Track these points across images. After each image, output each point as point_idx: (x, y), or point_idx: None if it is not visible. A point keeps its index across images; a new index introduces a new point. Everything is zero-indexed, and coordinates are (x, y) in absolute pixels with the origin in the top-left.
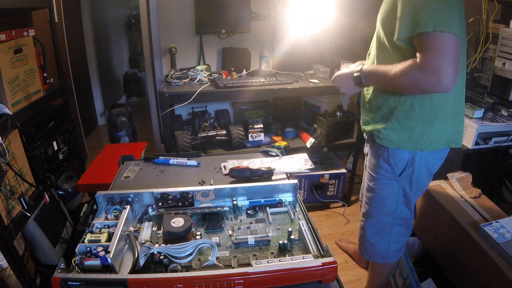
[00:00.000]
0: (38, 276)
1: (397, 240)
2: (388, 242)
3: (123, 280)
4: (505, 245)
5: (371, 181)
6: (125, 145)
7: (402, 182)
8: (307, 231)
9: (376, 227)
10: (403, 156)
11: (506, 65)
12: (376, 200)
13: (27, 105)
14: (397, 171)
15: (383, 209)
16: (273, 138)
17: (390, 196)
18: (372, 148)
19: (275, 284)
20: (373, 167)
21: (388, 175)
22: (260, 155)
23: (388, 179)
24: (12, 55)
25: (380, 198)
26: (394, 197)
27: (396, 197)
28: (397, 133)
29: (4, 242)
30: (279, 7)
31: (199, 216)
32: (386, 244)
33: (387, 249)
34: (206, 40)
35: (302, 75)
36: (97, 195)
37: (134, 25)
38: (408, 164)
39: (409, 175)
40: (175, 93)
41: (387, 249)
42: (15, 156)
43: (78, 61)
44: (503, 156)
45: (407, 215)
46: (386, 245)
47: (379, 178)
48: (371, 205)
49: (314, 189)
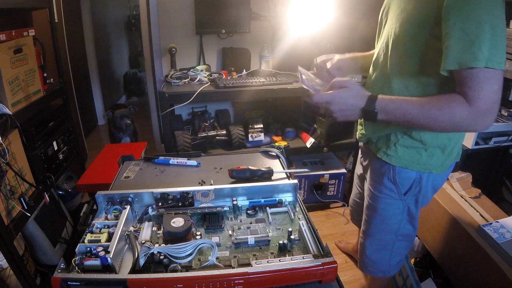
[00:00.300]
0: (38, 276)
1: (399, 253)
2: (390, 257)
3: (123, 280)
4: (505, 245)
5: (373, 200)
6: (125, 145)
7: (407, 201)
8: (307, 231)
9: (378, 245)
10: (410, 175)
11: (506, 65)
12: (378, 219)
13: (27, 105)
14: (402, 190)
15: (385, 228)
16: (273, 138)
17: (394, 215)
18: (375, 163)
19: (275, 284)
20: (375, 184)
21: (393, 194)
22: (260, 155)
23: (392, 198)
24: (12, 55)
25: (382, 217)
26: (398, 216)
27: (400, 216)
28: (407, 151)
29: (4, 242)
30: (279, 7)
31: (199, 216)
32: (387, 259)
33: (388, 264)
34: (206, 40)
35: None
36: (97, 195)
37: (134, 25)
38: (414, 183)
39: (415, 195)
40: (175, 93)
41: (388, 264)
42: (15, 156)
43: (78, 61)
44: (503, 156)
45: (410, 231)
46: (387, 260)
47: (382, 197)
48: (372, 224)
49: (314, 189)
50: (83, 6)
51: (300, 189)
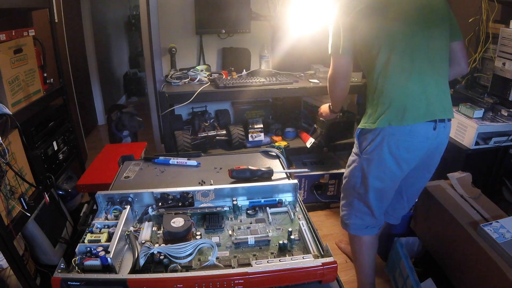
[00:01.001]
0: (38, 276)
1: (358, 215)
2: (350, 213)
3: (123, 280)
4: (505, 245)
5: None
6: (125, 145)
7: (362, 160)
8: (307, 231)
9: (344, 193)
10: (367, 136)
11: (506, 65)
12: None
13: (27, 105)
14: (360, 149)
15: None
16: (273, 138)
17: (353, 170)
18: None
19: (275, 284)
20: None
21: (355, 152)
22: (260, 155)
23: (354, 155)
24: (12, 55)
25: (348, 170)
26: (356, 172)
27: (358, 173)
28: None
29: (4, 242)
30: (279, 7)
31: (199, 216)
32: (349, 213)
33: (349, 218)
34: (206, 40)
35: (302, 75)
36: (97, 195)
37: (134, 25)
38: (370, 143)
39: (367, 153)
40: (175, 93)
41: (349, 218)
42: (15, 156)
43: (78, 61)
44: (503, 156)
45: (362, 192)
46: (349, 214)
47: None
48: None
49: (314, 189)
50: (83, 6)
51: (300, 189)
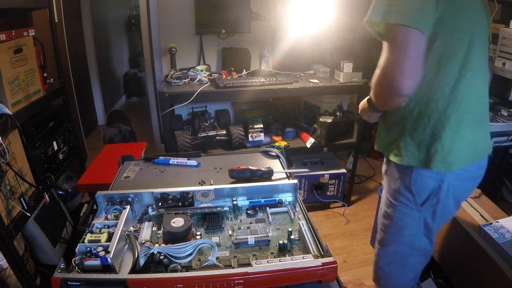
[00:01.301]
0: (38, 276)
1: (413, 269)
2: (403, 272)
3: (123, 280)
4: (505, 245)
5: (389, 208)
6: (125, 145)
7: (424, 213)
8: (307, 231)
9: (391, 257)
10: (428, 185)
11: (506, 65)
12: (393, 228)
13: (27, 105)
14: (419, 200)
15: (400, 239)
16: (273, 138)
17: (409, 226)
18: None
19: (275, 284)
20: (391, 191)
21: (409, 203)
22: (260, 155)
23: (408, 207)
24: (12, 55)
25: (397, 227)
26: (413, 228)
27: (416, 228)
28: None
29: (4, 242)
30: (279, 7)
31: (199, 216)
32: (401, 274)
33: (401, 279)
34: (206, 40)
35: (302, 75)
36: (97, 195)
37: (134, 25)
38: (432, 193)
39: (432, 205)
40: (175, 93)
41: (401, 280)
42: (15, 156)
43: (78, 61)
44: (503, 156)
45: (427, 245)
46: (401, 275)
47: (398, 206)
48: (387, 233)
49: (314, 189)
50: (83, 6)
51: (300, 189)
